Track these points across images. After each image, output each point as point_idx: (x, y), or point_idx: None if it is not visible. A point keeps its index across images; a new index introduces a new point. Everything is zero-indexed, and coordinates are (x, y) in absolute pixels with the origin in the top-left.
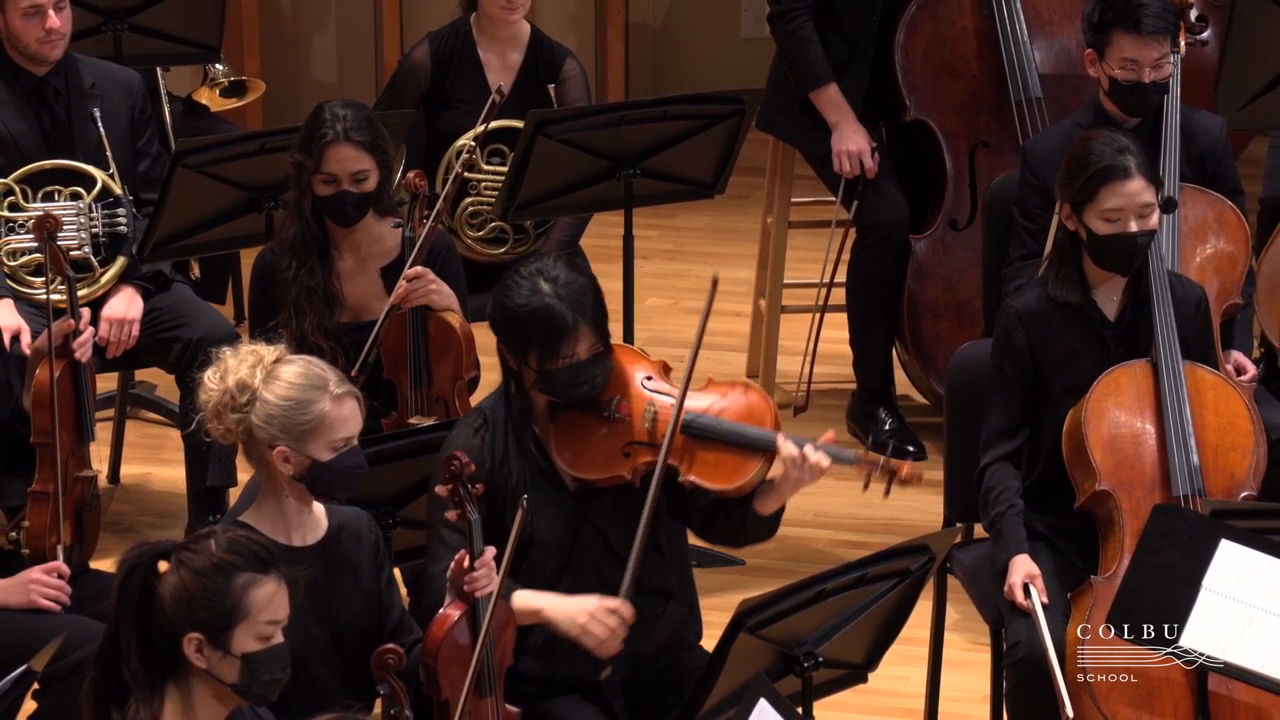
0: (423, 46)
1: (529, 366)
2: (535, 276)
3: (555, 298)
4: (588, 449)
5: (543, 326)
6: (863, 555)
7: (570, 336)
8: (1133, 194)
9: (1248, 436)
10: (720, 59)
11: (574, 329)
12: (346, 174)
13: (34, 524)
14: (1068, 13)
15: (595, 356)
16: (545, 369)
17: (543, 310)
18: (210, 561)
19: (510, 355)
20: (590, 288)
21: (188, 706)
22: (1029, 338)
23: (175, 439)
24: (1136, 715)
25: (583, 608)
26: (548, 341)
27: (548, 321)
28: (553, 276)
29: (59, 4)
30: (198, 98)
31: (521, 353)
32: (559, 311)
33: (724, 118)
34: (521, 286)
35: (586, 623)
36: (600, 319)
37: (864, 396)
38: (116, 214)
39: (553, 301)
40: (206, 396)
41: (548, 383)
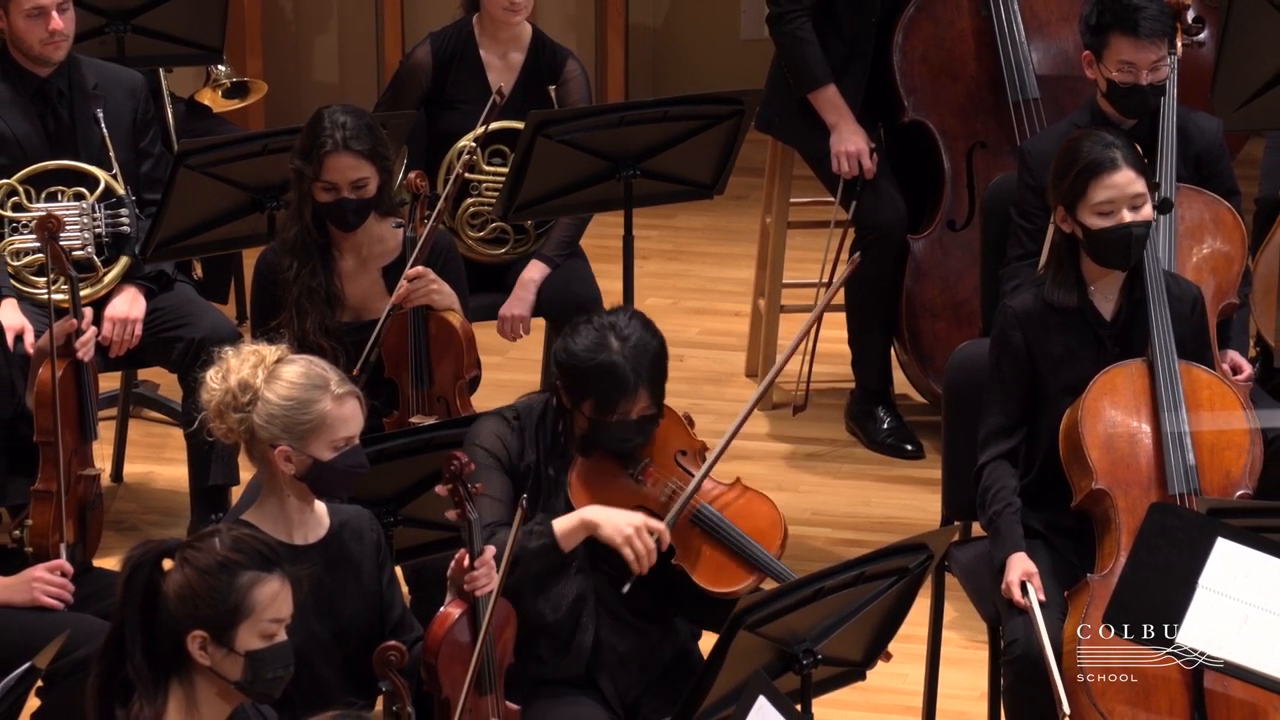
0: (424, 47)
1: (581, 413)
2: (606, 331)
3: (621, 356)
4: (602, 496)
5: (604, 383)
6: (861, 553)
7: (628, 398)
8: (1122, 185)
9: (1243, 435)
10: (719, 60)
11: (633, 392)
12: (346, 182)
13: (37, 522)
14: (1065, 14)
15: (645, 419)
16: (598, 420)
17: (606, 366)
18: (214, 560)
19: (566, 396)
20: (657, 352)
21: (191, 704)
22: (1026, 337)
23: (178, 438)
24: (1133, 713)
25: (629, 520)
26: (605, 397)
27: (609, 379)
28: (624, 335)
29: (62, 6)
30: (200, 99)
31: (577, 399)
32: (622, 372)
33: (723, 118)
34: (590, 337)
35: (631, 535)
36: (659, 384)
37: (862, 395)
38: (119, 214)
39: (618, 359)
40: (209, 396)
41: (595, 432)
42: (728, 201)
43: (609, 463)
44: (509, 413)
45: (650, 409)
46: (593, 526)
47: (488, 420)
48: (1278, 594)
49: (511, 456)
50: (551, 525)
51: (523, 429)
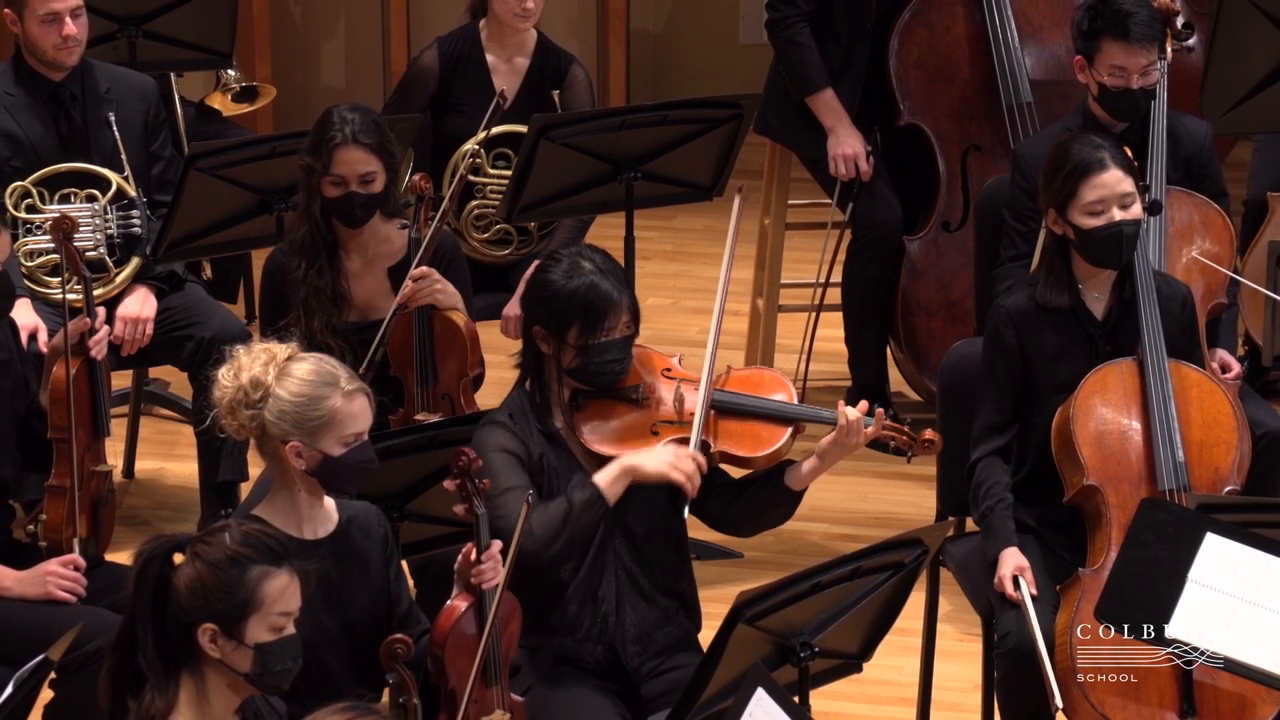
0: (431, 51)
1: (567, 344)
2: (575, 257)
3: (598, 274)
4: (617, 429)
5: (587, 299)
6: (857, 548)
7: (614, 310)
8: (1112, 184)
9: (1232, 432)
10: (719, 65)
11: (617, 302)
12: (354, 175)
13: (51, 517)
14: (1057, 20)
15: (628, 337)
16: (585, 344)
17: (586, 285)
18: (225, 554)
19: (547, 335)
20: (619, 266)
21: (202, 695)
22: (1019, 336)
23: (188, 435)
24: (1123, 704)
25: (664, 452)
26: (591, 315)
27: (592, 294)
28: (591, 257)
29: (75, 11)
30: (210, 103)
31: (561, 329)
32: (603, 286)
33: (722, 122)
34: (562, 264)
35: (674, 462)
36: (634, 299)
37: (859, 393)
38: (131, 216)
39: (596, 278)
40: (220, 393)
41: (585, 359)
42: (726, 203)
43: (608, 401)
44: (501, 416)
45: (630, 325)
46: (634, 469)
47: (489, 430)
48: (1266, 588)
49: (520, 449)
50: (593, 479)
51: (515, 419)
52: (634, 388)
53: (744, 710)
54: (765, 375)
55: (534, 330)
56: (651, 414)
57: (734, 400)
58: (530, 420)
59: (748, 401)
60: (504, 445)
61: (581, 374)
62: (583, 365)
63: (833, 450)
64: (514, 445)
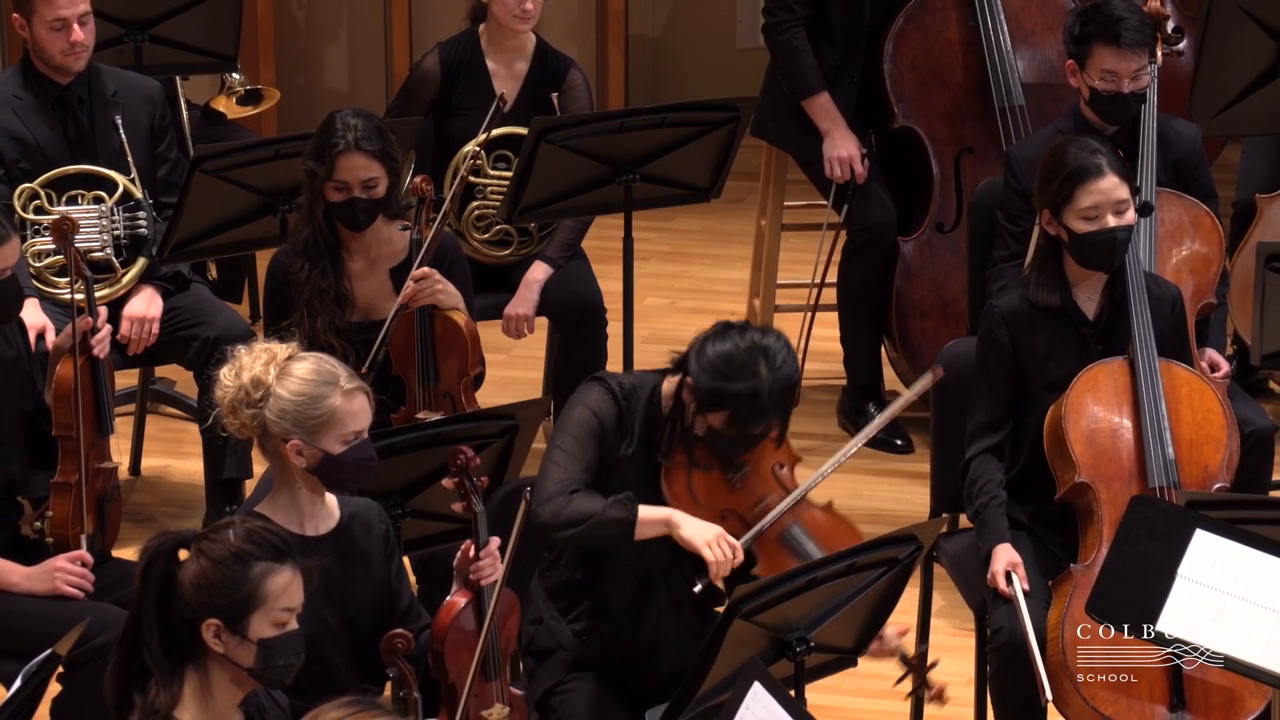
0: (433, 56)
1: (707, 422)
2: (758, 355)
3: (768, 386)
4: (694, 489)
5: (746, 407)
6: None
7: (764, 425)
8: (1107, 190)
9: (1221, 430)
10: (716, 68)
11: (769, 423)
12: (357, 181)
13: (57, 514)
14: (1049, 24)
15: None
16: (724, 433)
17: (752, 392)
18: (229, 550)
19: (695, 399)
20: (795, 384)
21: (206, 689)
22: (1012, 336)
23: (194, 433)
24: (1114, 697)
25: (710, 528)
26: (743, 419)
27: (752, 404)
28: (775, 365)
29: (83, 18)
30: (215, 105)
31: (710, 408)
32: (764, 402)
33: (720, 124)
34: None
35: (713, 541)
36: (787, 416)
37: (854, 392)
38: (137, 217)
39: (764, 389)
40: (222, 393)
41: (713, 438)
42: (724, 205)
43: (710, 461)
44: (616, 387)
45: (776, 436)
46: (674, 525)
47: (594, 388)
48: (1254, 584)
49: (608, 433)
50: (637, 506)
51: (628, 408)
52: (739, 466)
53: (741, 703)
54: (849, 534)
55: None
56: (731, 499)
57: (800, 543)
58: (644, 409)
59: (811, 552)
60: (599, 410)
61: (706, 442)
62: (709, 440)
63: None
64: (608, 418)
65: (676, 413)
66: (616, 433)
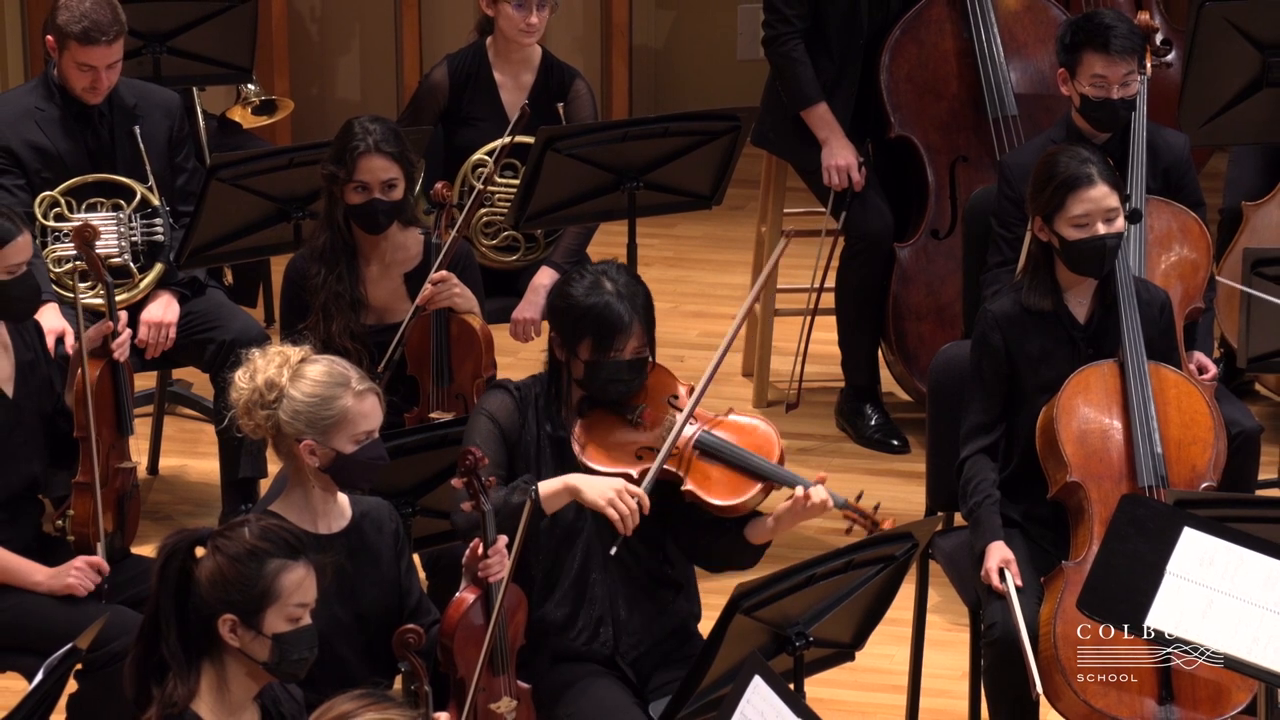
0: (441, 68)
1: (577, 357)
2: (599, 275)
3: (615, 296)
4: (605, 444)
5: (600, 319)
6: (850, 542)
7: (623, 333)
8: (1098, 199)
9: (1208, 431)
10: (717, 79)
11: (628, 326)
12: (378, 182)
13: (78, 512)
14: (1041, 37)
15: (638, 360)
16: (593, 360)
17: (601, 305)
18: (244, 548)
19: (562, 344)
20: (646, 295)
21: (222, 683)
22: (1005, 340)
23: (210, 433)
24: (1104, 690)
25: (610, 484)
26: (602, 334)
27: (605, 315)
28: (615, 278)
29: (112, 65)
30: (231, 115)
31: (574, 341)
32: (616, 308)
33: (721, 134)
34: (585, 280)
35: (613, 498)
36: (650, 326)
37: (852, 394)
38: (155, 224)
39: (612, 299)
40: (237, 395)
41: (591, 374)
42: (725, 212)
43: (608, 414)
44: (512, 387)
45: (642, 349)
46: (575, 490)
47: (491, 393)
48: (1241, 580)
49: (508, 429)
50: (535, 485)
51: (523, 400)
52: (634, 407)
53: (741, 697)
54: (759, 430)
55: (552, 335)
56: (641, 437)
57: (717, 445)
58: (538, 404)
59: (729, 450)
60: (495, 413)
61: (587, 387)
62: (588, 379)
63: (786, 518)
64: (505, 417)
65: (555, 371)
66: (517, 424)
